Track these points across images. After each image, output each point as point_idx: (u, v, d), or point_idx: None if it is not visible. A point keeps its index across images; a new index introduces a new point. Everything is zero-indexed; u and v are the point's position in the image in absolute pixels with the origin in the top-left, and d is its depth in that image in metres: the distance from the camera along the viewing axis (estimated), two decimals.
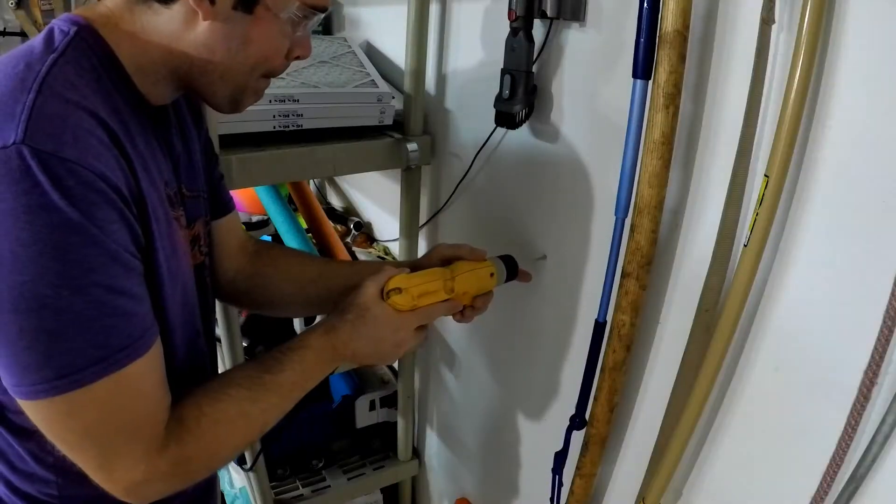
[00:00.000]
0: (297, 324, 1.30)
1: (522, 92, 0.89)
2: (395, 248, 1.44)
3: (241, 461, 1.30)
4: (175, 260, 0.60)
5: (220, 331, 1.09)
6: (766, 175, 0.61)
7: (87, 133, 0.48)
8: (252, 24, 0.57)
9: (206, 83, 0.60)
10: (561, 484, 1.00)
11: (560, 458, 0.97)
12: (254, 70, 0.61)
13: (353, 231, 1.57)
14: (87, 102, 0.50)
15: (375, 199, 1.58)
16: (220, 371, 0.79)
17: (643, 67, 0.70)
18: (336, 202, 1.81)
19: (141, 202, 0.53)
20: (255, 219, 1.50)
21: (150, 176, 0.56)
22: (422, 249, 1.29)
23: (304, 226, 1.47)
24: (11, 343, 0.47)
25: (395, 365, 1.47)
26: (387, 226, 1.53)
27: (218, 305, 1.02)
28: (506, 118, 0.91)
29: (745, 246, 0.65)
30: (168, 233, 0.58)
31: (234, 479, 1.47)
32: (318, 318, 1.29)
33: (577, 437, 0.93)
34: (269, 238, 1.49)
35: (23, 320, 0.46)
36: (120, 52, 0.55)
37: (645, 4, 0.67)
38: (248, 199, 1.50)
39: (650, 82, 0.70)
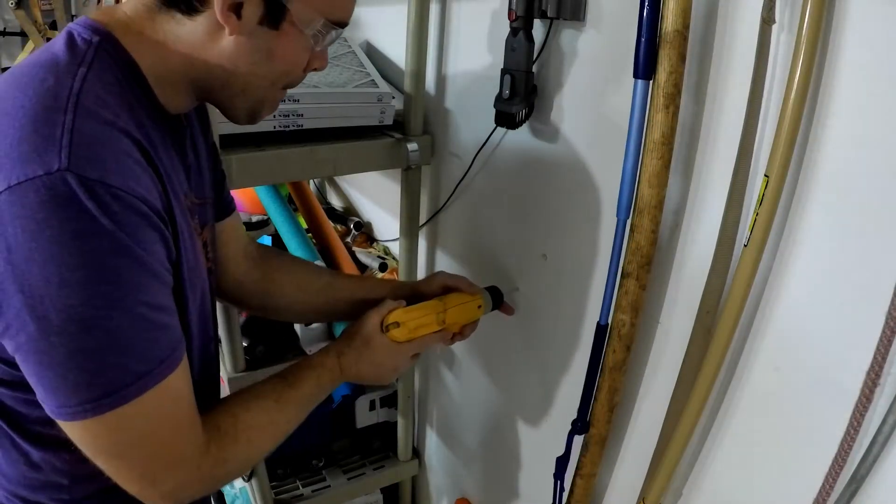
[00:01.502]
0: (298, 325, 1.30)
1: (522, 92, 0.89)
2: (395, 248, 1.44)
3: None
4: (196, 270, 0.62)
5: (220, 331, 1.09)
6: (766, 175, 0.61)
7: (125, 156, 0.49)
8: (277, 39, 0.57)
9: (226, 95, 0.60)
10: (563, 489, 0.99)
11: (562, 462, 0.97)
12: (275, 84, 0.61)
13: (353, 231, 1.57)
14: (120, 122, 0.50)
15: (375, 199, 1.58)
16: (221, 373, 0.81)
17: (644, 68, 0.70)
18: (336, 202, 1.81)
19: (171, 219, 0.55)
20: (255, 219, 1.50)
21: (174, 190, 0.57)
22: (422, 249, 1.29)
23: (304, 226, 1.47)
24: (57, 365, 0.48)
25: None
26: (387, 226, 1.53)
27: (218, 305, 1.02)
28: (506, 118, 0.91)
29: (745, 246, 0.65)
30: (191, 244, 0.60)
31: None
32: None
33: (578, 438, 0.93)
34: (268, 238, 1.49)
35: (71, 342, 0.47)
36: (141, 61, 0.55)
37: (646, 4, 0.67)
38: (248, 199, 1.50)
39: (651, 82, 0.70)
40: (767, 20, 0.62)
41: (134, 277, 0.49)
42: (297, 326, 1.28)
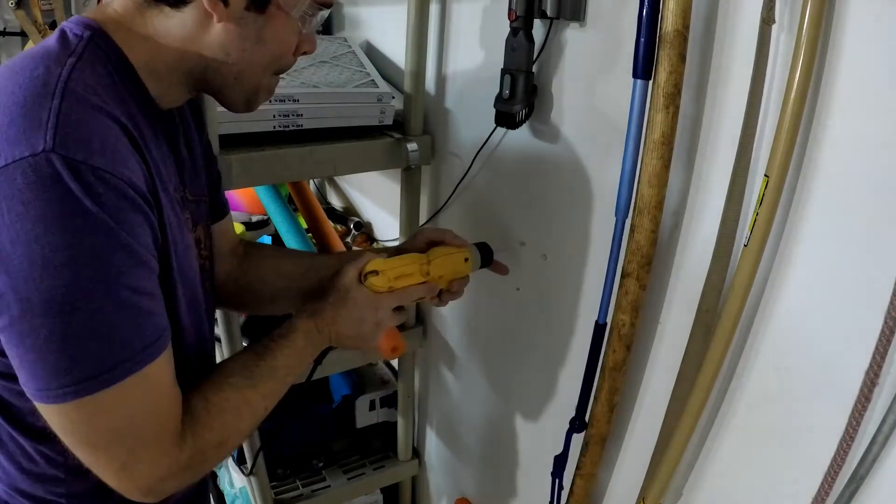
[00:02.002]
0: None
1: (522, 92, 0.89)
2: None
3: (240, 461, 1.30)
4: (187, 261, 0.61)
5: (219, 331, 1.09)
6: (766, 175, 0.61)
7: (113, 139, 0.49)
8: (265, 23, 0.58)
9: (221, 85, 0.61)
10: (561, 487, 0.99)
11: (560, 461, 0.97)
12: (267, 69, 0.62)
13: (353, 231, 1.57)
14: (108, 108, 0.50)
15: (375, 199, 1.58)
16: None
17: (643, 67, 0.70)
18: (336, 202, 1.81)
19: (158, 205, 0.55)
20: (255, 219, 1.50)
21: (162, 180, 0.57)
22: None
23: (304, 226, 1.47)
24: (38, 348, 0.48)
25: (395, 365, 1.47)
26: (387, 226, 1.52)
27: None
28: (506, 118, 0.91)
29: (745, 246, 0.65)
30: (179, 234, 0.59)
31: (234, 479, 1.47)
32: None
33: (577, 437, 0.93)
34: (269, 238, 1.49)
35: (53, 324, 0.47)
36: (132, 56, 0.55)
37: (645, 4, 0.67)
38: (248, 199, 1.50)
39: (650, 82, 0.70)
40: (767, 20, 0.62)
41: (117, 260, 0.48)
42: None
